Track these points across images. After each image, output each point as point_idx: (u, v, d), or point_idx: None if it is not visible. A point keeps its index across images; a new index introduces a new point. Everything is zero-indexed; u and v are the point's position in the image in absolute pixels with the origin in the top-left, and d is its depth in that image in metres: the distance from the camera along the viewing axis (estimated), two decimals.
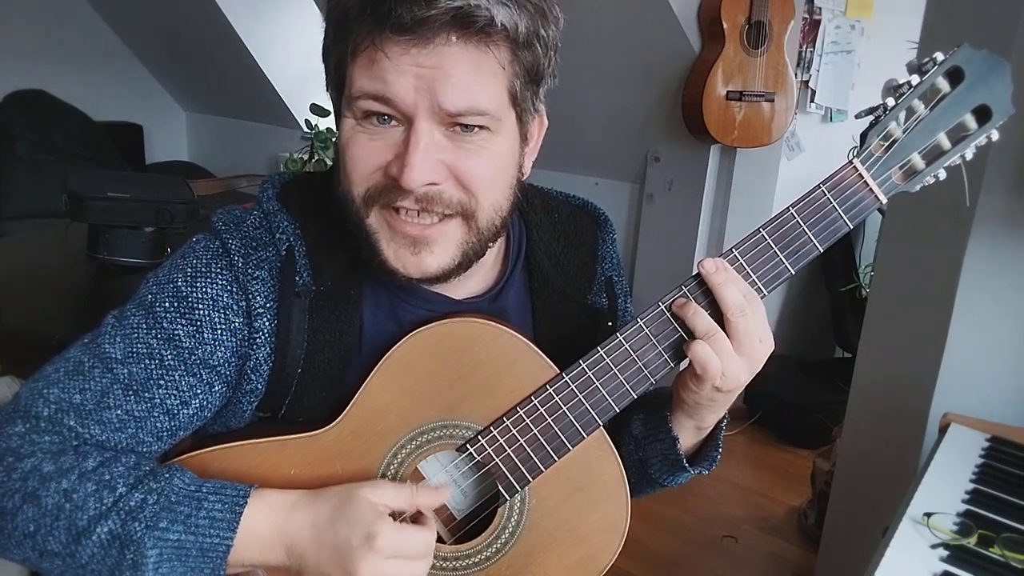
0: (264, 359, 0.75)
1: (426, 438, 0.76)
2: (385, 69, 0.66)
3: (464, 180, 0.70)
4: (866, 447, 1.78)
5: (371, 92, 0.67)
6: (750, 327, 0.72)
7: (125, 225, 2.01)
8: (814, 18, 2.92)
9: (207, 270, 0.75)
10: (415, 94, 0.66)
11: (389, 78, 0.66)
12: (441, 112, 0.67)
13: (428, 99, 0.66)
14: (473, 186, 0.71)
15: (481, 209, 0.72)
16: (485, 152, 0.70)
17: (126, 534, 0.65)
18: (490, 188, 0.72)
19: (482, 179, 0.71)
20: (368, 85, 0.67)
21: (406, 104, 0.67)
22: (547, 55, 0.72)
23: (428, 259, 0.72)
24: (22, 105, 3.89)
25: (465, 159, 0.70)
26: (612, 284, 0.91)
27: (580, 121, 3.17)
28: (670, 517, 2.52)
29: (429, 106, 0.67)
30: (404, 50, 0.65)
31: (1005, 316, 1.42)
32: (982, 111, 0.74)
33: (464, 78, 0.66)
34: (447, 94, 0.66)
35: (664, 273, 3.14)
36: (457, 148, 0.69)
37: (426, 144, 0.67)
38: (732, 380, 0.73)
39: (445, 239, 0.72)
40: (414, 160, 0.67)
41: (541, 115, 0.78)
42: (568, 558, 0.80)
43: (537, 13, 0.69)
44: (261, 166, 4.36)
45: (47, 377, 0.72)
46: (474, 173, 0.70)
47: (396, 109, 0.67)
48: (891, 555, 0.92)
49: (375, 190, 0.71)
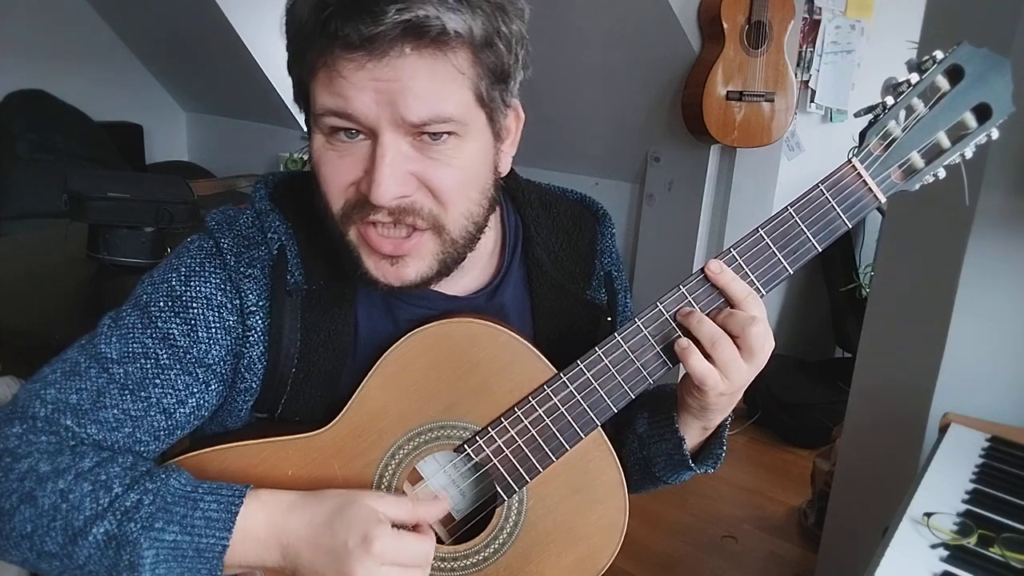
0: (258, 357, 0.75)
1: (424, 439, 0.76)
2: (343, 86, 0.65)
3: (433, 189, 0.69)
4: (866, 447, 1.78)
5: (333, 109, 0.67)
6: (760, 332, 0.72)
7: (125, 225, 2.01)
8: (814, 18, 2.92)
9: (200, 269, 0.75)
10: (376, 108, 0.65)
11: (349, 94, 0.65)
12: (405, 124, 0.66)
13: (390, 112, 0.65)
14: (443, 196, 0.70)
15: (451, 219, 0.71)
16: (455, 160, 0.69)
17: (122, 535, 0.65)
18: (460, 197, 0.71)
19: (452, 188, 0.70)
20: (330, 102, 0.67)
21: (368, 119, 0.66)
22: (512, 51, 0.70)
23: (405, 270, 0.72)
24: (22, 105, 3.89)
25: (434, 168, 0.69)
26: (611, 279, 0.91)
27: (580, 121, 3.16)
28: (670, 517, 2.52)
29: (392, 119, 0.66)
30: (359, 66, 0.64)
31: (1005, 316, 1.42)
32: (982, 109, 0.74)
33: (423, 87, 0.65)
34: (408, 105, 0.65)
35: (664, 273, 3.14)
36: (425, 157, 0.68)
37: (392, 157, 0.67)
38: (737, 383, 0.73)
39: (419, 251, 0.72)
40: (382, 176, 0.66)
41: (516, 109, 0.77)
42: (566, 558, 0.79)
43: (496, 11, 0.67)
44: (261, 166, 4.36)
45: (44, 378, 0.72)
46: (443, 182, 0.69)
47: (359, 124, 0.67)
48: (891, 555, 0.91)
49: (349, 206, 0.70)
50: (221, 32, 3.76)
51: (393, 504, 0.70)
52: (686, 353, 0.72)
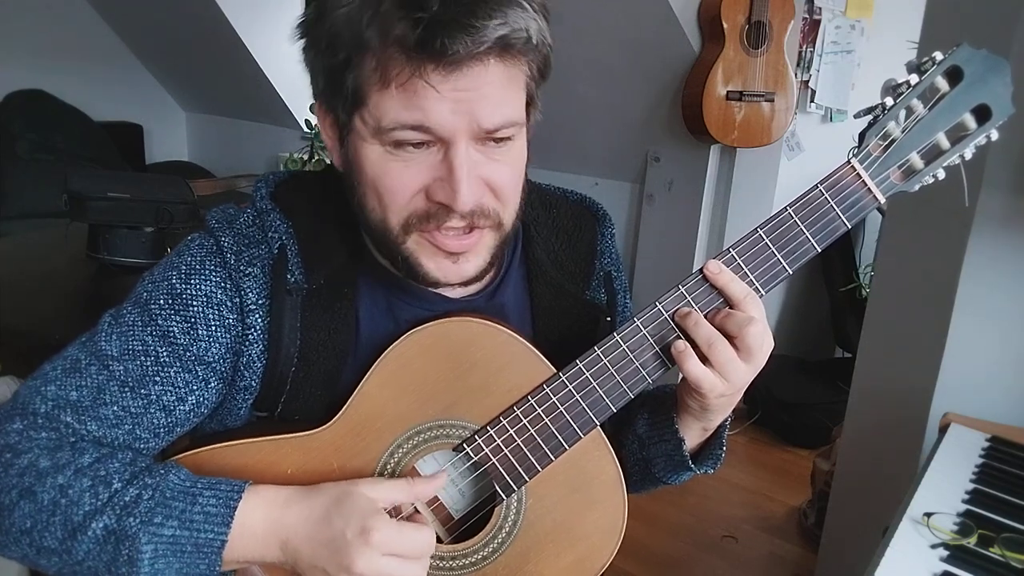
0: (257, 356, 0.76)
1: (423, 437, 0.76)
2: (427, 98, 0.65)
3: (496, 189, 0.71)
4: (866, 447, 1.78)
5: (409, 123, 0.66)
6: (757, 332, 0.72)
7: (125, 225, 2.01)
8: (814, 18, 2.92)
9: (201, 267, 0.75)
10: (453, 117, 0.66)
11: (428, 106, 0.65)
12: (480, 131, 0.67)
13: (467, 120, 0.66)
14: (503, 194, 0.72)
15: (508, 215, 0.74)
16: (511, 159, 0.72)
17: (121, 530, 0.65)
18: (515, 193, 0.74)
19: (510, 186, 0.73)
20: (406, 116, 0.66)
21: (445, 129, 0.66)
22: (551, 50, 0.72)
23: (466, 266, 0.74)
24: (22, 105, 3.89)
25: (496, 170, 0.71)
26: (611, 279, 0.91)
27: (580, 121, 3.16)
28: (670, 517, 2.52)
29: (468, 127, 0.67)
30: (443, 78, 0.64)
31: (1005, 316, 1.42)
32: (981, 111, 0.74)
33: (498, 95, 0.67)
34: (485, 113, 0.66)
35: (664, 273, 3.14)
36: (490, 160, 0.70)
37: (469, 165, 0.68)
38: (737, 383, 0.73)
39: (479, 247, 0.74)
40: (463, 184, 0.67)
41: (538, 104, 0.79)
42: (565, 558, 0.79)
43: (543, 13, 0.69)
44: (261, 166, 4.36)
45: (45, 375, 0.73)
46: (505, 182, 0.72)
47: (434, 135, 0.67)
48: (891, 555, 0.91)
49: (416, 216, 0.71)
50: (221, 32, 3.76)
51: (390, 487, 0.71)
52: (683, 356, 0.72)
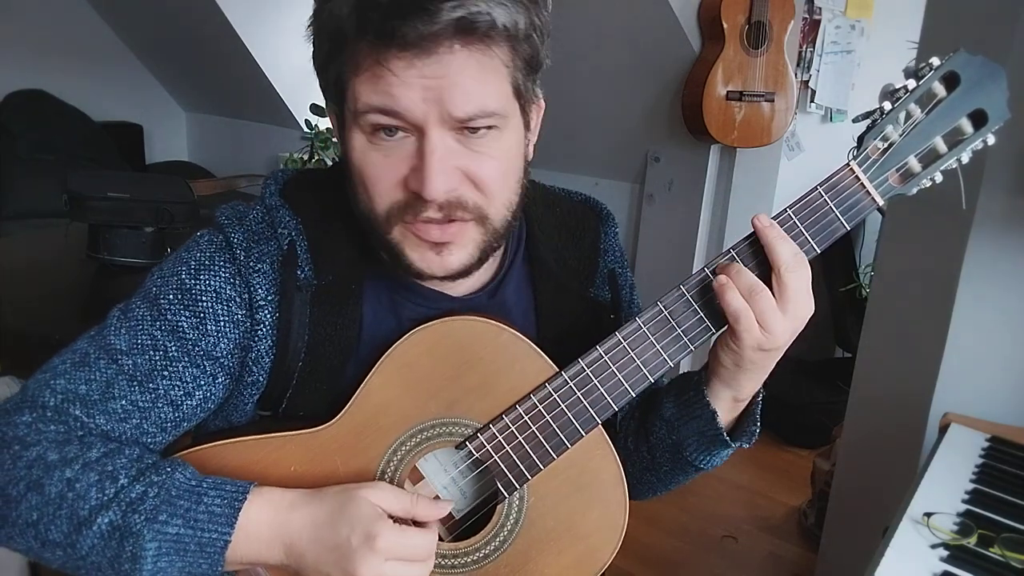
0: (266, 351, 0.76)
1: (425, 435, 0.76)
2: (391, 84, 0.66)
3: (478, 182, 0.71)
4: (866, 447, 1.78)
5: (378, 107, 0.67)
6: (800, 284, 0.71)
7: (125, 225, 2.02)
8: (814, 18, 2.92)
9: (210, 263, 0.75)
10: (424, 105, 0.66)
11: (396, 92, 0.66)
12: (451, 119, 0.67)
13: (437, 108, 0.66)
14: (486, 187, 0.71)
15: (494, 209, 0.73)
16: (496, 152, 0.71)
17: (126, 526, 0.66)
18: (502, 187, 0.73)
19: (494, 180, 0.72)
20: (375, 100, 0.67)
21: (415, 116, 0.67)
22: (543, 42, 0.72)
23: (450, 258, 0.74)
24: (22, 105, 3.89)
25: (478, 161, 0.70)
26: (615, 277, 0.91)
27: (580, 121, 3.16)
28: (670, 517, 2.52)
29: (439, 115, 0.67)
30: (408, 64, 0.65)
31: (1005, 316, 1.42)
32: (978, 116, 0.74)
33: (470, 83, 0.66)
34: (455, 101, 0.66)
35: (664, 273, 3.14)
36: (469, 151, 0.70)
37: (441, 153, 0.68)
38: (776, 338, 0.72)
39: (463, 240, 0.73)
40: (432, 171, 0.67)
41: (539, 99, 0.78)
42: (566, 557, 0.80)
43: (531, 3, 0.69)
44: (261, 166, 4.36)
45: (54, 368, 0.73)
46: (487, 174, 0.71)
47: (405, 121, 0.67)
48: (891, 555, 0.92)
49: (397, 207, 0.71)
50: (221, 32, 3.76)
51: (393, 497, 0.71)
52: (724, 288, 0.71)
